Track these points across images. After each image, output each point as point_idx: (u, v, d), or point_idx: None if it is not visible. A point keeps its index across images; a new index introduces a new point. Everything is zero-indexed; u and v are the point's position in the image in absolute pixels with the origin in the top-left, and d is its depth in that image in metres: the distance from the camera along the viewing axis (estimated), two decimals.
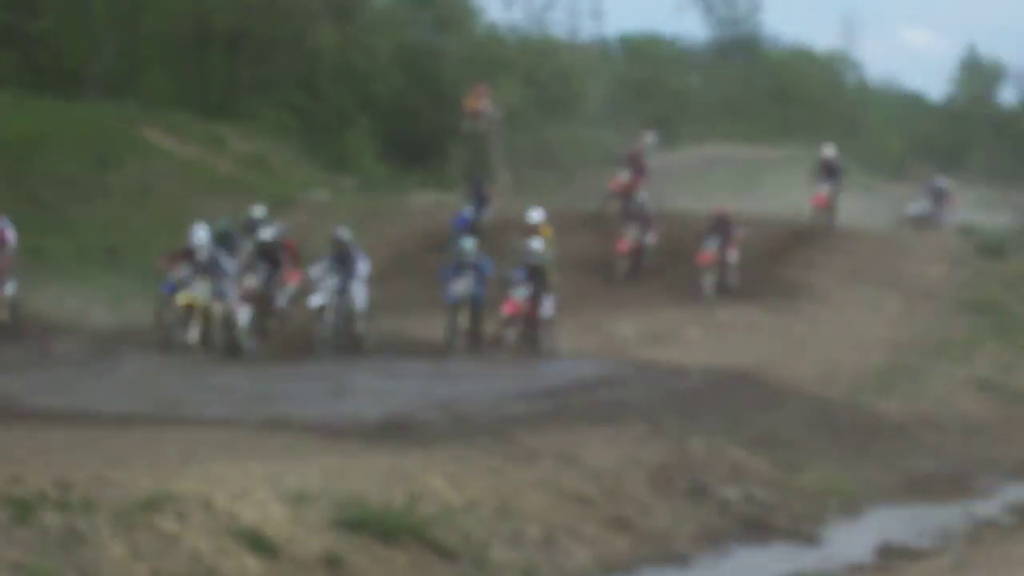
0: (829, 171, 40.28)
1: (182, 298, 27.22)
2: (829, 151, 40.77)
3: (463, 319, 28.74)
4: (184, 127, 45.57)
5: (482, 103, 52.76)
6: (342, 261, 28.69)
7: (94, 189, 38.28)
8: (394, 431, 19.50)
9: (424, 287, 31.51)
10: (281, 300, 28.81)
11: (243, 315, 27.27)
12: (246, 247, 30.45)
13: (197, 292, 27.21)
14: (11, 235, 27.71)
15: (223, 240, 30.04)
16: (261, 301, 27.98)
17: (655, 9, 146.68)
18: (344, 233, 29.32)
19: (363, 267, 29.09)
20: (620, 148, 43.22)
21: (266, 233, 29.27)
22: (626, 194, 37.96)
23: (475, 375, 26.36)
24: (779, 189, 46.51)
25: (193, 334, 27.12)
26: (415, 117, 62.60)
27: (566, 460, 18.97)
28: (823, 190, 40.00)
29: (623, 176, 39.36)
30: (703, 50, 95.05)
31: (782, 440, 22.36)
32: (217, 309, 27.39)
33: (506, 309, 28.68)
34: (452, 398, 23.24)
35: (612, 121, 68.88)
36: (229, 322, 27.25)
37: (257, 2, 55.74)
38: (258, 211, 32.40)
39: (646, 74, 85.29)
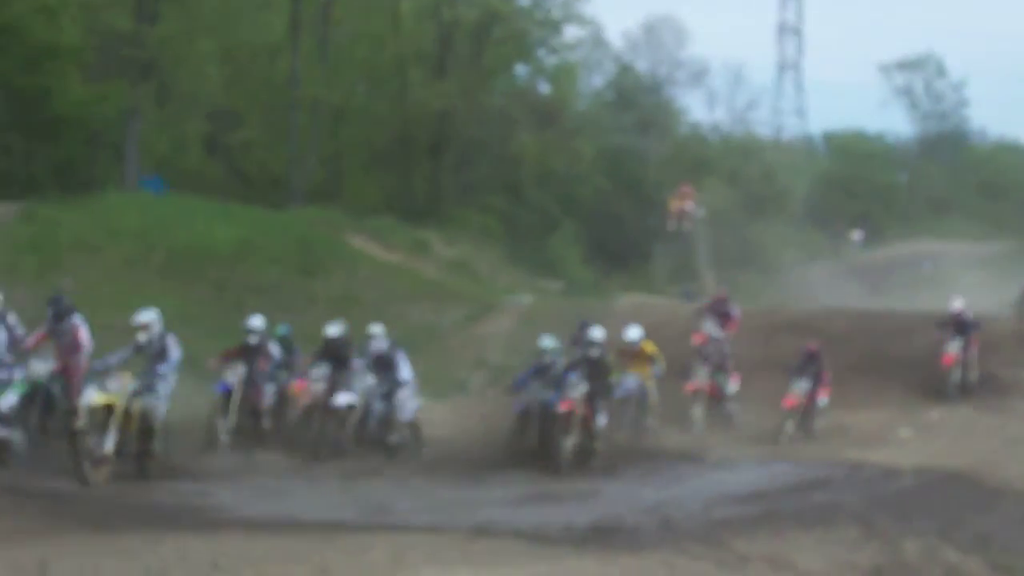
0: (959, 326, 35.24)
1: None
2: (957, 304, 36.25)
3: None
4: (389, 233, 46.01)
5: (687, 204, 52.83)
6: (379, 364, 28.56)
7: (299, 296, 38.65)
8: (603, 536, 19.38)
9: None
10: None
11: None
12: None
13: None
14: (84, 336, 27.49)
15: (284, 344, 30.22)
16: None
17: (859, 106, 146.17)
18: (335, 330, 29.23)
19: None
20: (824, 247, 43.08)
21: (333, 330, 29.08)
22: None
23: (681, 480, 26.13)
24: (986, 287, 45.70)
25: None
26: (619, 219, 62.79)
27: (777, 565, 18.69)
28: (952, 349, 34.65)
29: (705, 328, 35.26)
30: (908, 146, 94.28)
31: (998, 542, 21.84)
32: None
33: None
34: (659, 503, 23.12)
35: (817, 219, 68.64)
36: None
37: (459, 109, 56.22)
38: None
39: (851, 171, 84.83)
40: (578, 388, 26.96)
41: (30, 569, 12.59)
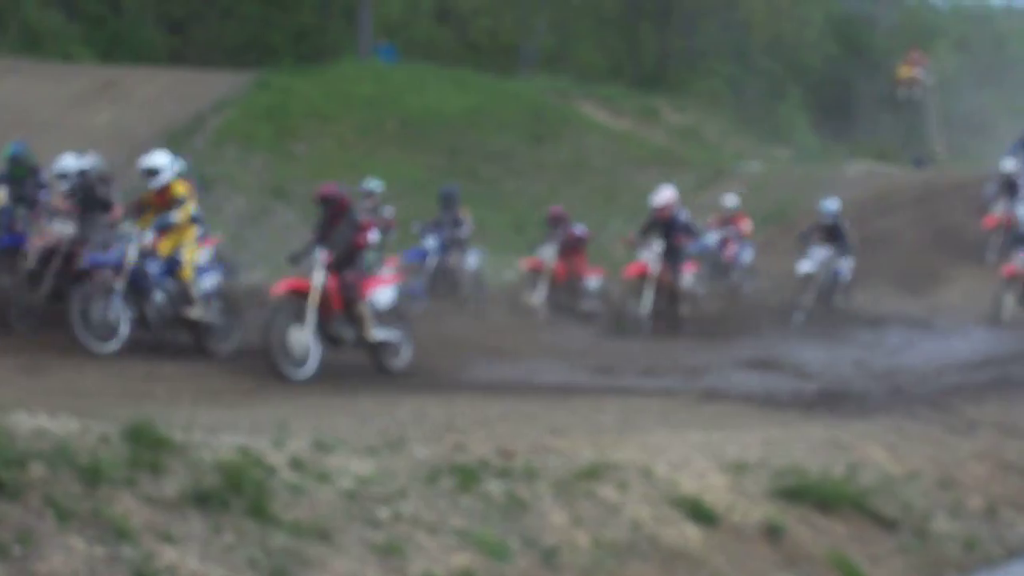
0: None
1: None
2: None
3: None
4: (617, 100, 45.88)
5: (916, 70, 52.03)
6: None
7: (529, 163, 38.78)
8: (832, 402, 19.34)
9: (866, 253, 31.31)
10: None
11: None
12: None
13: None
14: None
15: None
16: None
17: None
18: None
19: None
20: None
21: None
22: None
23: (908, 346, 25.92)
24: None
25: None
26: (847, 87, 62.01)
27: (1007, 431, 18.55)
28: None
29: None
30: None
31: None
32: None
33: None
34: (890, 369, 23.02)
35: None
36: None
37: None
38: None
39: None
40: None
41: (270, 426, 12.82)
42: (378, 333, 20.31)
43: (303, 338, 19.26)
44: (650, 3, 57.71)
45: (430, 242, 27.95)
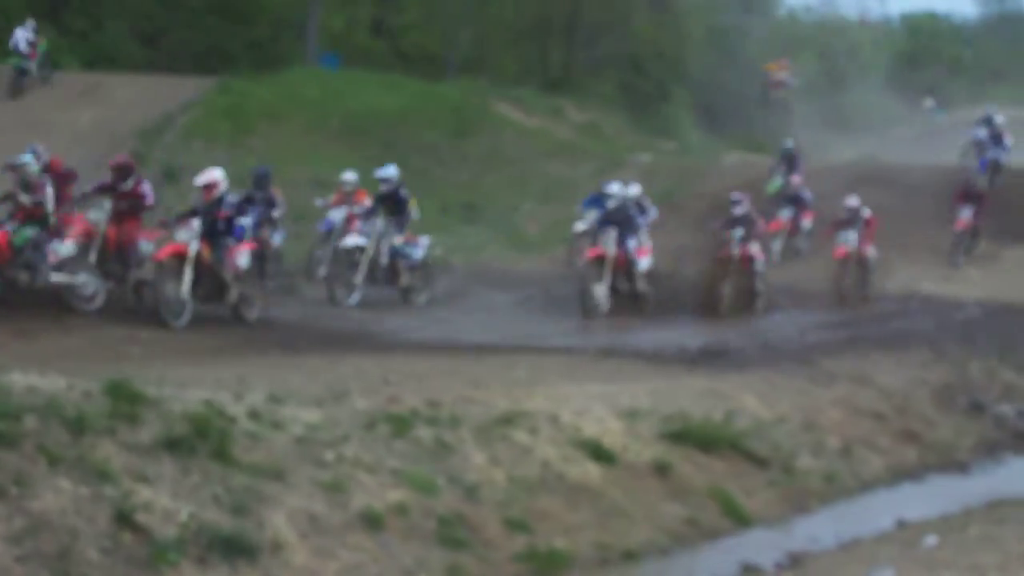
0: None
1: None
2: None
3: None
4: (529, 101, 45.87)
5: (784, 75, 52.47)
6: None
7: (453, 155, 38.79)
8: (711, 357, 19.48)
9: None
10: None
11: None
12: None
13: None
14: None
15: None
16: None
17: None
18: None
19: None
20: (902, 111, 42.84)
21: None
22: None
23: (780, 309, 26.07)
24: None
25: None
26: (724, 89, 62.34)
27: (861, 381, 18.79)
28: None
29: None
30: (973, 25, 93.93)
31: None
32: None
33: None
34: (761, 329, 23.23)
35: (895, 90, 67.93)
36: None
37: None
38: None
39: (923, 47, 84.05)
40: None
41: (231, 381, 12.82)
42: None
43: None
44: (557, 18, 57.87)
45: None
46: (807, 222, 32.04)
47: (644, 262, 25.17)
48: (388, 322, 22.37)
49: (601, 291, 24.15)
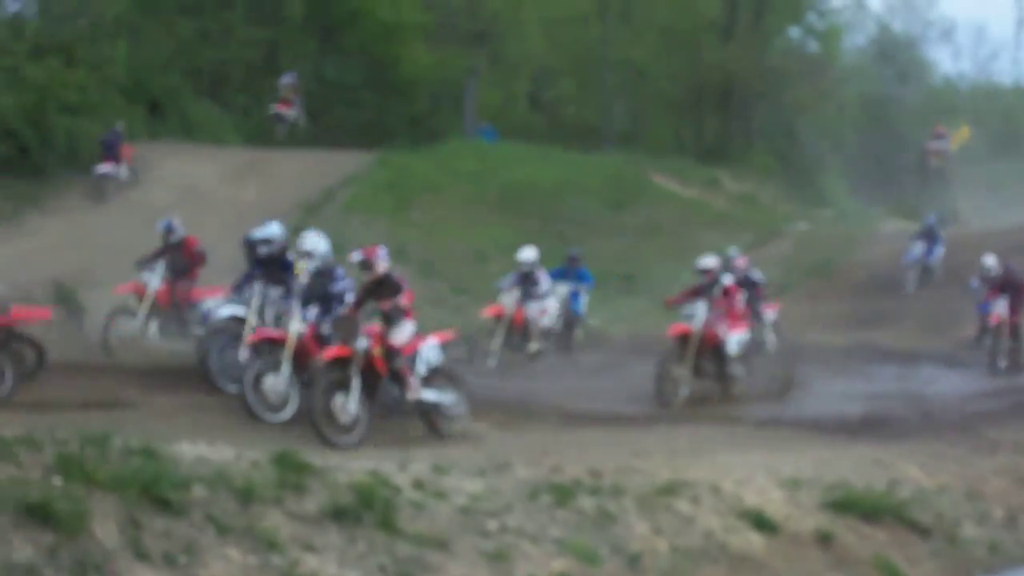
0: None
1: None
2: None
3: None
4: (685, 171, 45.82)
5: (940, 143, 51.91)
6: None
7: (610, 226, 38.72)
8: (872, 427, 19.23)
9: (893, 301, 31.02)
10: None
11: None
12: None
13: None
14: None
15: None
16: None
17: None
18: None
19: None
20: None
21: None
22: None
23: (940, 377, 25.67)
24: None
25: None
26: (879, 158, 61.86)
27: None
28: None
29: None
30: None
31: None
32: None
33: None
34: (922, 397, 22.88)
35: None
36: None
37: (743, 65, 56.01)
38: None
39: None
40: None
41: (395, 451, 12.89)
42: None
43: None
44: (712, 90, 57.78)
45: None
46: None
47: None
48: (547, 393, 22.33)
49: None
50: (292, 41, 50.61)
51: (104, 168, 36.76)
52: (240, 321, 19.60)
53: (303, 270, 19.03)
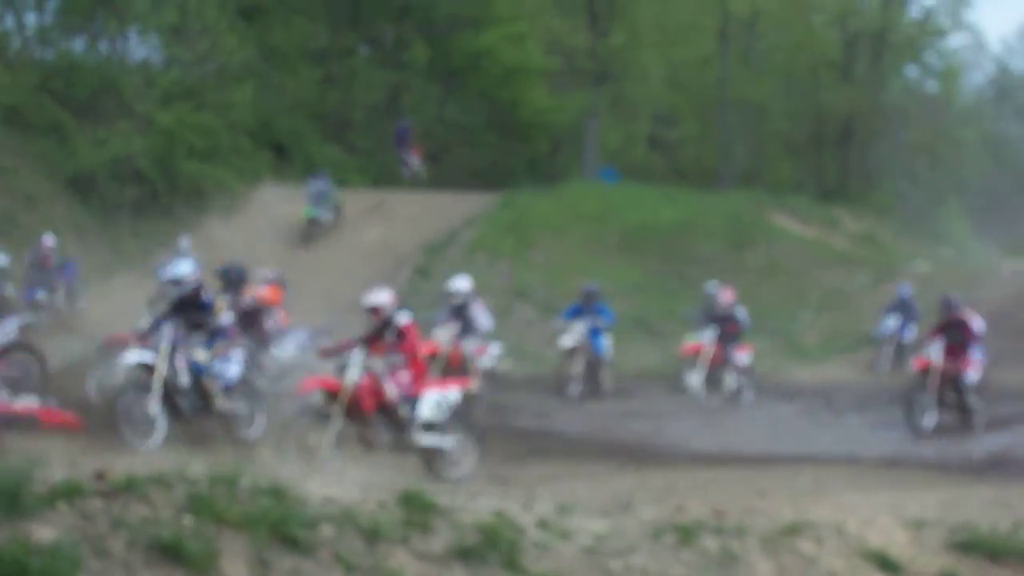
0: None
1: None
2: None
3: None
4: (805, 211, 45.50)
5: None
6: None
7: (731, 266, 38.49)
8: (998, 466, 18.94)
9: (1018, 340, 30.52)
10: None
11: None
12: None
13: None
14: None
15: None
16: None
17: None
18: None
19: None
20: None
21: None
22: None
23: None
24: None
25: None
26: (1001, 196, 61.19)
27: None
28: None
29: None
30: None
31: None
32: None
33: None
34: None
35: None
36: None
37: (862, 104, 55.74)
38: None
39: None
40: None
41: (518, 491, 12.86)
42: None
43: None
44: (831, 129, 57.50)
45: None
46: None
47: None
48: (669, 432, 22.24)
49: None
50: (415, 85, 51.03)
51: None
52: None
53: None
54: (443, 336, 23.81)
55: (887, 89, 58.67)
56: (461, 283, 25.47)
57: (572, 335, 26.79)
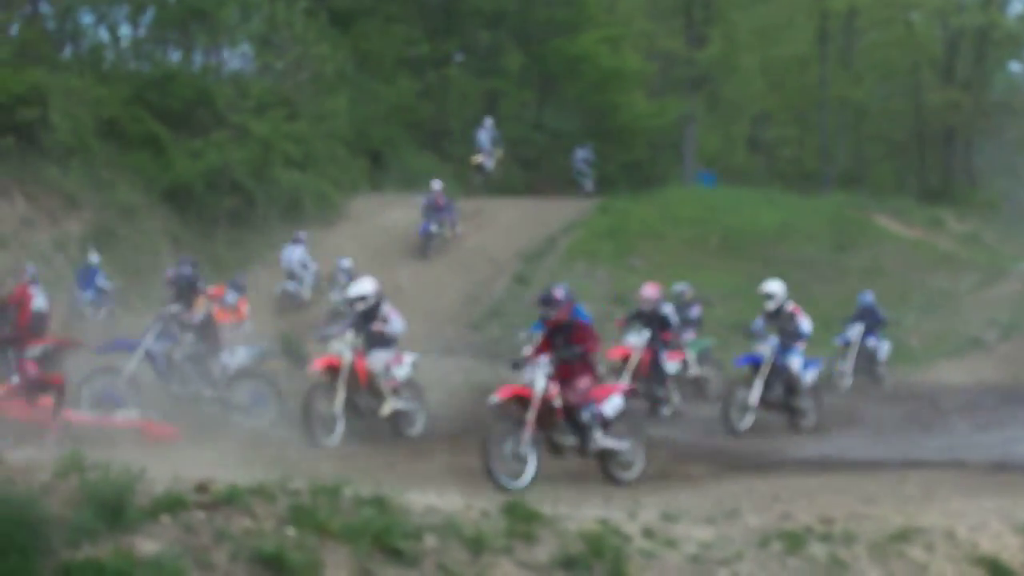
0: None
1: None
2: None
3: None
4: (908, 212, 45.06)
5: None
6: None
7: (832, 269, 38.25)
8: None
9: None
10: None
11: None
12: None
13: None
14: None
15: None
16: None
17: None
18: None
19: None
20: None
21: None
22: None
23: None
24: None
25: None
26: None
27: None
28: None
29: None
30: None
31: None
32: None
33: None
34: None
35: None
36: None
37: (965, 102, 55.21)
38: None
39: None
40: None
41: (623, 499, 12.83)
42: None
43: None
44: (933, 129, 57.00)
45: None
46: None
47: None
48: (774, 439, 22.11)
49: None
50: (510, 92, 51.14)
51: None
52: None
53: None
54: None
55: (990, 86, 58.12)
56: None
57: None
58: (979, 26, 56.47)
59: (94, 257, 32.27)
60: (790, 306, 24.10)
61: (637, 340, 24.55)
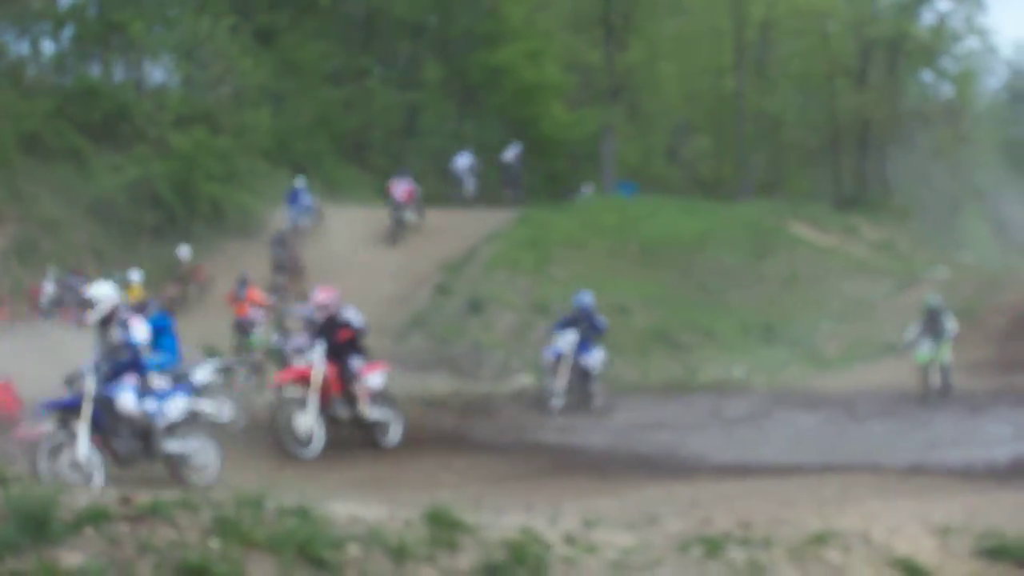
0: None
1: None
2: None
3: None
4: (823, 220, 45.52)
5: None
6: None
7: (751, 276, 38.50)
8: (1022, 472, 18.86)
9: None
10: None
11: None
12: None
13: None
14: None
15: None
16: None
17: None
18: None
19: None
20: None
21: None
22: None
23: None
24: None
25: None
26: (1019, 200, 61.14)
27: None
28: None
29: None
30: None
31: None
32: None
33: None
34: None
35: None
36: None
37: (879, 110, 55.85)
38: None
39: None
40: None
41: (544, 506, 12.84)
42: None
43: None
44: (848, 137, 57.57)
45: None
46: None
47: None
48: (692, 444, 22.20)
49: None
50: (431, 104, 51.13)
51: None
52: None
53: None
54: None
55: (903, 95, 58.73)
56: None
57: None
58: (891, 36, 57.06)
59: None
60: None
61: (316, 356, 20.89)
